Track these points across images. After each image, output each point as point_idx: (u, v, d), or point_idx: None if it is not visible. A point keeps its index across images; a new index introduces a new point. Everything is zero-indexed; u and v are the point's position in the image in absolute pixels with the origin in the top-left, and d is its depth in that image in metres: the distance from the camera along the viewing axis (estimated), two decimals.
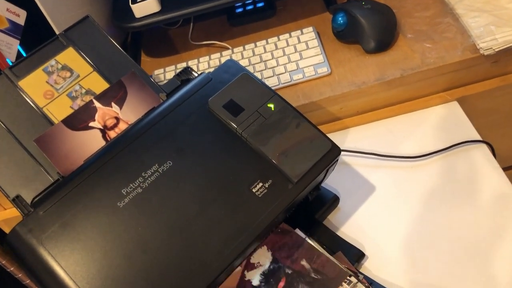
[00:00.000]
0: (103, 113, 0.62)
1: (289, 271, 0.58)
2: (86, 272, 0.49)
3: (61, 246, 0.50)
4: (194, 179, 0.54)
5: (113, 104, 0.62)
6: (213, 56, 0.84)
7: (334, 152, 0.57)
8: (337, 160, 0.58)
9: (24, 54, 0.73)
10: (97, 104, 0.62)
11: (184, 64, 0.85)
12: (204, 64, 0.84)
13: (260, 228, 0.52)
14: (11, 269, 0.86)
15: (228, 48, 0.86)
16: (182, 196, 0.53)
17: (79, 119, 0.61)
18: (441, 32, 0.76)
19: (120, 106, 0.62)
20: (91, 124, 0.61)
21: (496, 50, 0.71)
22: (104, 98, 0.62)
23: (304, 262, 0.58)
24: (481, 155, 0.70)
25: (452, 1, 0.79)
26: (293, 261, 0.58)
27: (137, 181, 0.54)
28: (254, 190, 0.54)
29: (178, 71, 0.70)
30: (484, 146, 0.70)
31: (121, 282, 0.49)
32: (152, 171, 0.54)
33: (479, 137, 0.71)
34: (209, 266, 0.50)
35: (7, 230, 0.83)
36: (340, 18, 0.79)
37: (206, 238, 0.51)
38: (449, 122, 0.74)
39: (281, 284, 0.57)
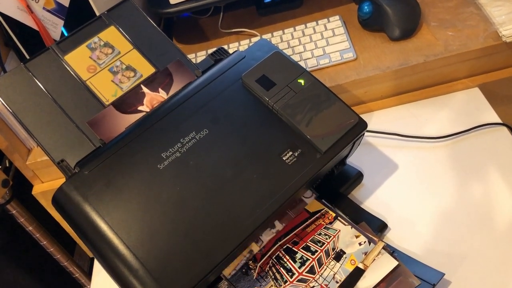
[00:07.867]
0: (151, 98, 0.66)
1: None
2: (129, 226, 0.53)
3: (105, 202, 0.54)
4: (229, 146, 0.58)
5: (160, 89, 0.66)
6: (242, 42, 0.88)
7: (360, 126, 0.60)
8: (363, 134, 0.61)
9: (66, 35, 0.78)
10: (145, 89, 0.66)
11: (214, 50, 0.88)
12: (233, 49, 0.87)
13: (290, 193, 0.55)
14: (22, 220, 0.90)
15: (256, 35, 0.89)
16: (218, 160, 0.56)
17: (128, 103, 0.65)
18: (464, 20, 0.79)
19: (167, 92, 0.66)
20: (140, 108, 0.65)
21: None
22: (152, 84, 0.66)
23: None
24: (502, 137, 0.72)
25: None
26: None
27: (176, 146, 0.57)
28: (284, 158, 0.57)
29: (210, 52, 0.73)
30: (505, 129, 0.72)
31: (161, 236, 0.52)
32: (190, 137, 0.58)
33: (500, 121, 0.74)
34: (242, 223, 0.53)
35: (43, 202, 0.88)
36: (366, 7, 0.82)
37: (240, 198, 0.54)
38: (471, 107, 0.77)
39: None
